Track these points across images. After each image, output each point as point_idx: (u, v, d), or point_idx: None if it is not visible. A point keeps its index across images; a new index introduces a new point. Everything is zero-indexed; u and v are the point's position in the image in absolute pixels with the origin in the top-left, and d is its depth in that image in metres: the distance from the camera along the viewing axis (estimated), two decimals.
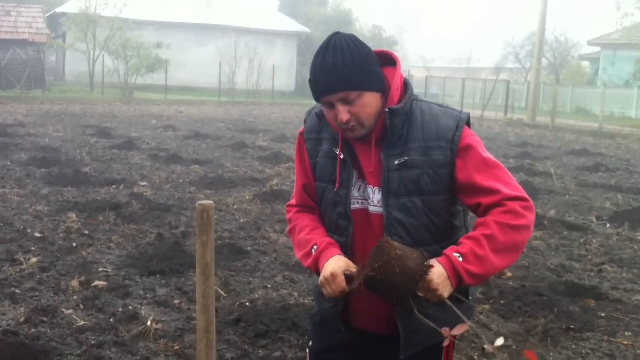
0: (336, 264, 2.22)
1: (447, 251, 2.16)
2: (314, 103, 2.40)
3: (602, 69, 41.75)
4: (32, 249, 6.56)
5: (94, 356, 4.33)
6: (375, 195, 2.29)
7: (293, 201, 2.55)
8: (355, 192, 2.32)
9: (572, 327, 5.24)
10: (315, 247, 2.32)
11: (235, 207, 9.03)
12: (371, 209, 2.31)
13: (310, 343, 2.63)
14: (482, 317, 5.38)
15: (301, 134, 2.51)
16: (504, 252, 2.15)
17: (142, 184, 10.40)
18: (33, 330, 4.68)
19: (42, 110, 23.56)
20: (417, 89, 39.71)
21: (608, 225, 9.11)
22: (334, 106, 2.20)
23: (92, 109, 25.51)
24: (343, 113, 2.18)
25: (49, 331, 4.68)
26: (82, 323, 4.84)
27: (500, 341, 2.07)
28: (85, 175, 10.71)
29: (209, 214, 1.32)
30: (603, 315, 5.57)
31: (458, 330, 2.03)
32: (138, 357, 4.36)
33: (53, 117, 20.75)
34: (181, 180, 10.88)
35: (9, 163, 11.53)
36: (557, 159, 16.64)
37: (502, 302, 5.71)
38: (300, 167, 2.50)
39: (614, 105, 33.84)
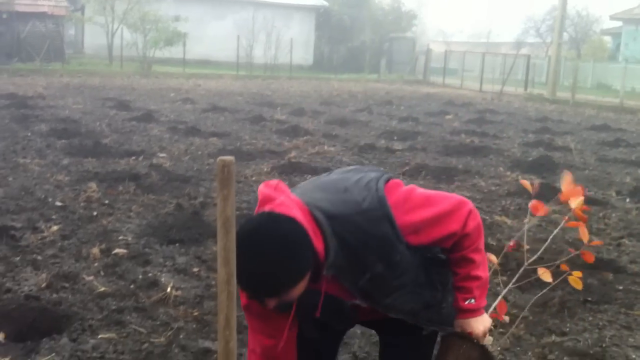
0: None
1: (460, 304, 2.37)
2: (332, 78, 2.33)
3: (624, 44, 41.17)
4: (53, 217, 6.64)
5: (114, 321, 4.40)
6: (360, 302, 2.33)
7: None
8: (341, 304, 2.34)
9: (589, 299, 5.24)
10: None
11: (254, 178, 9.07)
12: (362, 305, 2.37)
13: None
14: (498, 288, 5.38)
15: (246, 307, 2.40)
16: (485, 262, 2.42)
17: (161, 155, 10.46)
18: (54, 295, 4.75)
19: (62, 82, 23.68)
20: (437, 64, 39.47)
21: (627, 199, 9.06)
22: None
23: (111, 81, 25.61)
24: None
25: (70, 296, 4.76)
26: (103, 289, 4.91)
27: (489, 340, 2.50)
28: (104, 146, 10.79)
29: (230, 169, 1.33)
30: (620, 288, 5.56)
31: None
32: (158, 322, 4.43)
33: (72, 90, 20.86)
34: (199, 152, 10.92)
35: (29, 134, 11.63)
36: (577, 134, 16.50)
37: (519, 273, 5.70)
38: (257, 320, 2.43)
39: (635, 81, 33.39)
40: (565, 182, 2.78)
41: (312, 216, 2.10)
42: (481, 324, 2.39)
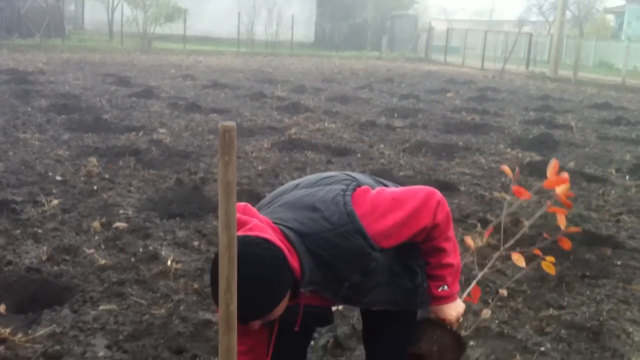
0: None
1: (432, 292, 2.43)
2: (333, 55, 2.31)
3: (627, 23, 40.97)
4: (54, 191, 6.65)
5: (115, 293, 4.43)
6: (340, 306, 2.45)
7: None
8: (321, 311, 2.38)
9: (588, 274, 5.27)
10: None
11: (254, 154, 9.07)
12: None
13: None
14: (497, 262, 5.41)
15: None
16: (456, 248, 2.45)
17: (161, 131, 10.45)
18: (55, 268, 4.78)
19: (62, 58, 23.60)
20: (438, 42, 39.27)
21: (627, 177, 9.06)
22: None
23: (111, 57, 25.51)
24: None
25: (71, 269, 4.78)
26: (104, 262, 4.93)
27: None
28: (105, 121, 10.77)
29: (231, 134, 1.34)
30: (619, 263, 5.59)
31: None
32: (158, 294, 4.46)
33: (73, 65, 20.79)
34: (200, 128, 10.91)
35: (29, 109, 11.61)
36: (578, 112, 16.47)
37: (517, 248, 5.72)
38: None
39: (637, 60, 33.23)
40: (551, 169, 2.78)
41: (284, 235, 2.11)
42: (454, 309, 2.45)
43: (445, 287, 2.40)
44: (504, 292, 4.85)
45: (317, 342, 3.88)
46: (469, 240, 3.19)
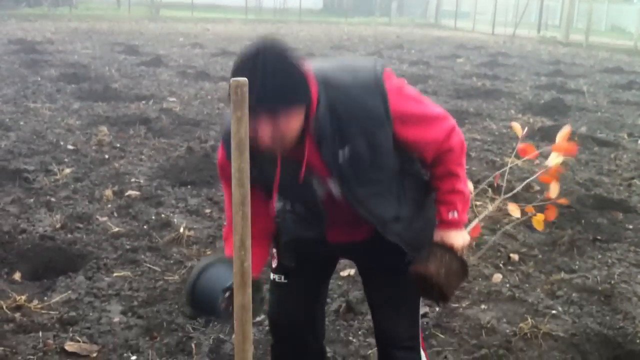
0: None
1: (442, 216, 2.34)
2: (342, 22, 2.23)
3: None
4: (66, 160, 6.68)
5: (129, 260, 4.47)
6: (334, 185, 2.23)
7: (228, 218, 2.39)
8: (315, 186, 2.25)
9: (599, 237, 5.27)
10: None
11: None
12: (334, 193, 2.25)
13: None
14: (508, 227, 5.42)
15: (222, 167, 2.34)
16: (465, 176, 2.38)
17: (171, 99, 10.45)
18: (69, 235, 4.82)
19: (70, 27, 23.52)
20: (448, 7, 38.79)
21: (639, 141, 9.01)
22: (255, 118, 1.97)
23: (119, 26, 25.41)
24: (266, 130, 1.99)
25: (84, 237, 4.82)
26: (117, 229, 4.97)
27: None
28: (114, 90, 10.77)
29: (243, 90, 1.34)
30: (630, 227, 5.59)
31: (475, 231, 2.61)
32: (171, 261, 4.49)
33: (81, 34, 20.73)
34: (209, 97, 10.89)
35: (39, 79, 11.61)
36: (590, 76, 16.32)
37: (528, 214, 5.73)
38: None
39: None
40: (562, 135, 2.75)
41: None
42: (461, 237, 2.36)
43: (456, 213, 2.32)
44: (515, 256, 4.89)
45: (329, 306, 3.91)
46: (516, 127, 3.20)
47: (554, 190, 2.86)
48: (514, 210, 2.97)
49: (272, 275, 2.58)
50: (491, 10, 34.63)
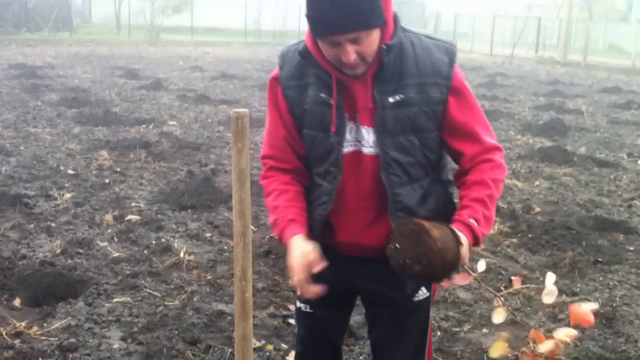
0: (295, 257, 2.10)
1: (463, 218, 2.11)
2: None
3: (637, 4, 40.57)
4: (66, 185, 6.69)
5: (129, 285, 4.46)
6: (369, 136, 2.16)
7: (268, 151, 2.32)
8: (347, 135, 2.18)
9: (600, 259, 5.26)
10: (277, 221, 2.19)
11: None
12: (365, 150, 2.18)
13: None
14: (509, 250, 5.42)
15: (276, 79, 2.24)
16: (495, 204, 2.20)
17: (171, 123, 10.48)
18: (69, 261, 4.81)
19: (70, 52, 23.64)
20: (446, 27, 39.03)
21: (639, 161, 9.02)
22: (339, 45, 1.99)
23: (119, 50, 25.54)
24: (351, 53, 1.99)
25: (84, 262, 4.81)
26: (117, 254, 4.97)
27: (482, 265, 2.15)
28: (115, 114, 10.80)
29: (244, 121, 1.35)
30: (631, 248, 5.57)
31: (463, 280, 2.09)
32: (172, 286, 4.48)
33: (81, 59, 20.83)
34: (209, 120, 10.93)
35: (39, 103, 11.65)
36: (589, 96, 16.38)
37: (529, 235, 5.73)
38: (278, 117, 2.26)
39: None
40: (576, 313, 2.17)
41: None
42: (466, 247, 2.06)
43: (475, 223, 2.10)
44: (516, 280, 4.86)
45: None
46: None
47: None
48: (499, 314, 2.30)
49: (298, 303, 2.52)
50: (489, 30, 34.83)
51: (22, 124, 9.73)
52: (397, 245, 1.99)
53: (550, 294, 2.17)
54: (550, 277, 2.17)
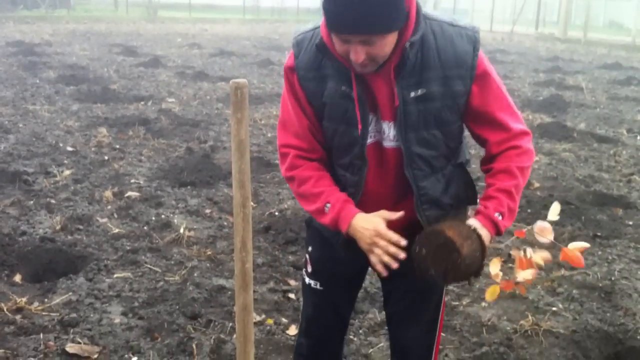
0: (373, 224, 2.07)
1: (489, 212, 2.07)
2: None
3: None
4: (65, 162, 6.68)
5: (129, 261, 4.47)
6: (390, 130, 2.13)
7: (291, 140, 2.23)
8: (369, 127, 2.15)
9: (599, 234, 5.27)
10: (329, 204, 2.14)
11: (263, 122, 9.06)
12: (385, 143, 2.15)
13: (310, 248, 2.50)
14: (513, 227, 5.42)
15: (291, 69, 2.18)
16: (521, 193, 2.18)
17: (170, 100, 10.44)
18: (69, 237, 4.82)
19: (68, 29, 23.49)
20: (446, 4, 38.84)
21: (638, 137, 9.02)
22: (349, 42, 1.94)
23: (117, 27, 25.39)
24: (360, 54, 1.94)
25: (84, 238, 4.82)
26: (117, 230, 4.97)
27: (555, 210, 2.13)
28: (113, 92, 10.76)
29: (243, 92, 1.34)
30: (630, 223, 5.59)
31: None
32: (172, 262, 4.50)
33: (79, 36, 20.71)
34: (208, 97, 10.89)
35: (37, 81, 11.60)
36: (588, 72, 16.33)
37: (528, 210, 5.74)
38: (298, 106, 2.20)
39: None
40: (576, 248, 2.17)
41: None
42: (488, 241, 2.08)
43: (501, 217, 2.07)
44: (514, 253, 4.88)
45: None
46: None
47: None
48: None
49: (306, 279, 2.50)
50: (489, 7, 34.61)
51: (21, 101, 9.69)
52: (424, 252, 2.01)
53: (543, 232, 2.09)
54: (555, 208, 2.13)
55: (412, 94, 2.06)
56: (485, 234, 2.05)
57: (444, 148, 2.18)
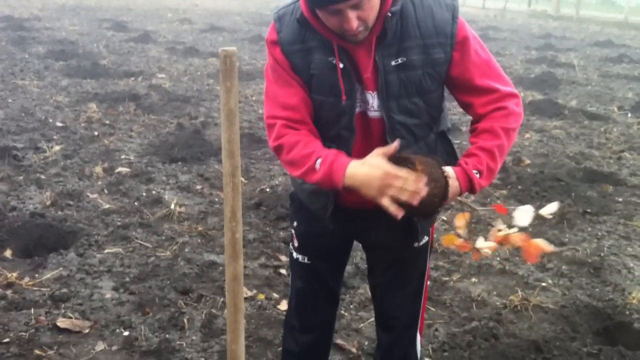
0: (377, 165, 1.95)
1: (468, 167, 2.05)
2: None
3: None
4: (55, 137, 6.64)
5: (120, 236, 4.46)
6: (374, 100, 2.12)
7: (278, 112, 2.17)
8: (356, 97, 2.14)
9: (589, 210, 5.30)
10: (320, 160, 2.05)
11: (254, 98, 9.02)
12: (370, 113, 2.14)
13: (295, 223, 2.50)
14: (499, 201, 5.44)
15: (274, 42, 2.15)
16: (505, 154, 2.16)
17: (160, 76, 10.37)
18: (59, 212, 4.80)
19: (57, 3, 23.22)
20: None
21: (629, 114, 9.04)
22: (340, 13, 1.93)
23: (107, 2, 25.11)
24: (353, 20, 1.94)
25: (75, 214, 4.81)
26: (107, 206, 4.96)
27: (552, 208, 2.11)
28: (103, 67, 10.67)
29: (232, 60, 1.33)
30: (620, 200, 5.62)
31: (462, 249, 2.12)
32: (163, 237, 4.49)
33: (68, 11, 20.49)
34: (199, 73, 10.83)
35: (27, 56, 11.49)
36: (581, 50, 16.31)
37: (519, 187, 5.76)
38: (286, 77, 2.15)
39: None
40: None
41: None
42: (457, 192, 2.04)
43: (478, 174, 2.04)
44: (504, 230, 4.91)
45: None
46: None
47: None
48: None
49: (294, 254, 2.51)
50: None
51: (10, 76, 9.60)
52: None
53: (524, 214, 2.05)
54: (552, 207, 2.11)
55: (393, 63, 2.06)
56: (455, 185, 2.01)
57: (425, 116, 2.17)
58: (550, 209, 2.12)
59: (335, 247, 2.49)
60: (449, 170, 2.02)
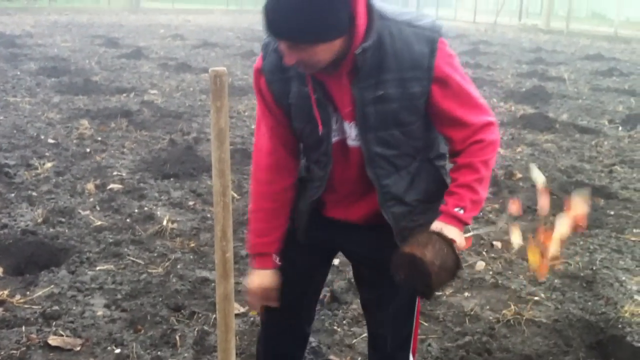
0: (254, 289, 2.37)
1: (449, 208, 2.11)
2: None
3: None
4: (47, 154, 6.63)
5: (112, 253, 4.45)
6: (351, 130, 2.13)
7: (262, 142, 2.29)
8: (333, 125, 2.14)
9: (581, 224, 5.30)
10: (252, 244, 2.38)
11: (246, 113, 9.04)
12: (349, 142, 2.16)
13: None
14: (491, 215, 5.46)
15: (259, 71, 2.17)
16: (487, 183, 2.19)
17: (152, 92, 10.39)
18: (51, 230, 4.78)
19: (49, 20, 23.29)
20: None
21: (620, 128, 9.09)
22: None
23: (99, 18, 25.20)
24: (289, 57, 1.95)
25: (67, 231, 4.79)
26: (99, 223, 4.95)
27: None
28: (95, 83, 10.68)
29: (222, 80, 1.33)
30: (612, 213, 5.63)
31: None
32: (155, 254, 4.48)
33: (60, 27, 20.53)
34: (191, 89, 10.85)
35: (18, 73, 11.49)
36: (571, 63, 16.42)
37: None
38: (266, 108, 2.22)
39: (629, 10, 33.03)
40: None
41: (367, 2, 1.99)
42: (460, 237, 2.12)
43: (462, 210, 2.10)
44: (498, 244, 4.91)
45: None
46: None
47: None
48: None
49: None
50: None
51: (1, 93, 9.59)
52: (403, 276, 2.08)
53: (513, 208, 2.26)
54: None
55: (370, 96, 2.05)
56: (450, 230, 2.08)
57: (406, 147, 2.17)
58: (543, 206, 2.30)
59: (312, 259, 2.47)
60: (436, 225, 2.11)
